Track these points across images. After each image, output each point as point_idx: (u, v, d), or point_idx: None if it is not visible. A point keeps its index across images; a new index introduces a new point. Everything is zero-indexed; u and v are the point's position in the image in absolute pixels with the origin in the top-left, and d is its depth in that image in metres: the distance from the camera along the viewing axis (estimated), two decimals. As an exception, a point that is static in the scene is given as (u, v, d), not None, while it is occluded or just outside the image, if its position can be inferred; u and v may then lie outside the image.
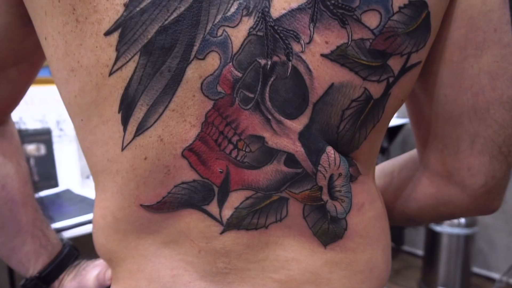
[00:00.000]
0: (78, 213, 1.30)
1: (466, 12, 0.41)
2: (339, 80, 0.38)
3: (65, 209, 1.36)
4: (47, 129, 1.50)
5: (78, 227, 1.23)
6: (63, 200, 1.43)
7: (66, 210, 1.34)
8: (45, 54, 0.44)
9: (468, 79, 0.43)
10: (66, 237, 1.21)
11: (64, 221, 1.24)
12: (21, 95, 0.57)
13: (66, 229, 1.23)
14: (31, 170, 1.50)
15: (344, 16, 0.36)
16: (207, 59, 0.38)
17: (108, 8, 0.38)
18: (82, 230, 1.23)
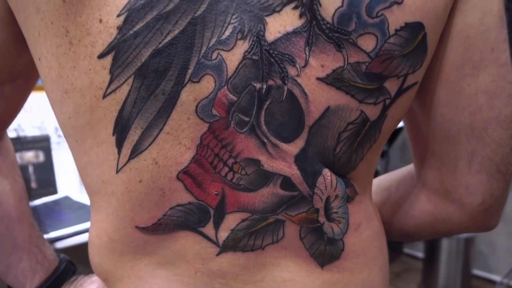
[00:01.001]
0: (77, 220, 1.30)
1: (463, 32, 0.41)
2: (335, 103, 0.37)
3: (64, 217, 1.35)
4: (45, 136, 1.50)
5: (78, 236, 1.23)
6: (62, 208, 1.42)
7: (65, 218, 1.34)
8: (39, 74, 0.44)
9: (466, 98, 0.43)
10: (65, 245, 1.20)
11: (64, 229, 1.24)
12: (16, 111, 0.57)
13: (65, 238, 1.22)
14: (29, 177, 1.50)
15: (340, 40, 0.36)
16: (202, 82, 0.37)
17: (101, 31, 0.37)
18: (82, 239, 1.22)
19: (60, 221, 1.31)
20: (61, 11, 0.38)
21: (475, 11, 0.40)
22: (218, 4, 0.36)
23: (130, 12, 0.37)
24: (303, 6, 0.36)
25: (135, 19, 0.37)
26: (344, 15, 0.35)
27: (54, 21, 0.38)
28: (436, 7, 0.38)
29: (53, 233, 1.20)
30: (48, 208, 1.44)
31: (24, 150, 1.48)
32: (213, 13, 0.36)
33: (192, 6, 0.36)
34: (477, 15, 0.40)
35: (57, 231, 1.22)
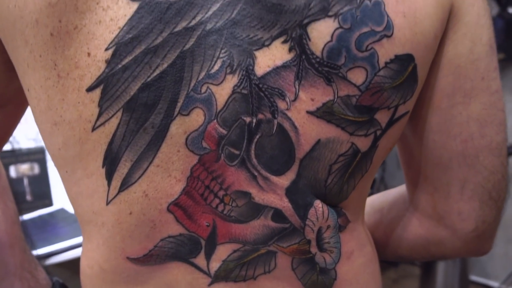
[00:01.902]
0: (73, 234, 1.29)
1: (454, 61, 0.41)
2: (325, 136, 0.37)
3: (60, 230, 1.35)
4: (40, 147, 1.49)
5: (73, 250, 1.22)
6: (57, 220, 1.42)
7: (61, 231, 1.33)
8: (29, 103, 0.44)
9: (457, 126, 0.43)
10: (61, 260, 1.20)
11: (59, 243, 1.23)
12: (7, 136, 0.56)
13: (60, 252, 1.22)
14: (24, 190, 1.49)
15: (330, 74, 0.36)
16: (191, 115, 0.37)
17: (89, 64, 0.37)
18: (77, 253, 1.21)
19: (56, 235, 1.31)
20: (49, 44, 0.37)
21: (465, 40, 0.40)
22: (207, 38, 0.36)
23: (118, 46, 0.36)
24: (292, 40, 0.36)
25: (123, 53, 0.37)
26: (333, 50, 0.35)
27: (42, 54, 0.38)
28: (426, 39, 0.38)
29: (48, 247, 1.20)
30: (44, 221, 1.43)
31: (19, 163, 1.47)
32: (202, 47, 0.36)
33: (181, 40, 0.36)
34: (467, 45, 0.40)
35: (53, 245, 1.21)
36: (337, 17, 0.35)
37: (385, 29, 0.36)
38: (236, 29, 0.36)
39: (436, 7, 0.38)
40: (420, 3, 0.37)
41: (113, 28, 0.36)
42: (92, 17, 0.37)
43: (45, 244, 1.23)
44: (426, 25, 0.38)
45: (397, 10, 0.36)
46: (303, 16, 0.35)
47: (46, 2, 0.36)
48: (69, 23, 0.37)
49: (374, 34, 0.36)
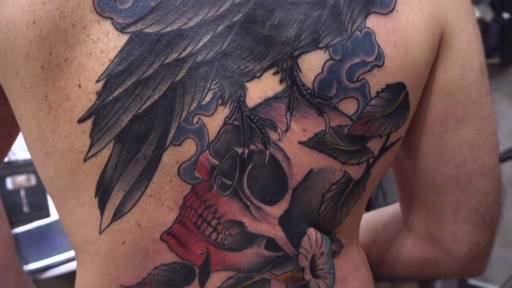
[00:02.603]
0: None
1: (445, 87, 0.41)
2: (318, 165, 0.37)
3: (57, 242, 1.34)
4: (37, 159, 1.49)
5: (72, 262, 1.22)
6: (54, 232, 1.41)
7: (58, 243, 1.33)
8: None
9: (450, 151, 0.43)
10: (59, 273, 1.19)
11: (57, 255, 1.23)
12: (1, 160, 0.56)
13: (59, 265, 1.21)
14: (21, 201, 1.49)
15: (321, 105, 0.36)
16: (183, 145, 0.37)
17: (80, 96, 0.37)
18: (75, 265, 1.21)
19: (53, 247, 1.30)
20: (40, 76, 0.37)
21: (456, 66, 0.40)
22: (198, 69, 0.36)
23: (109, 78, 0.36)
24: (283, 72, 0.35)
25: (114, 85, 0.36)
26: (324, 81, 0.35)
27: (33, 86, 0.38)
28: (417, 66, 0.38)
29: (47, 260, 1.19)
30: (41, 232, 1.43)
31: (15, 174, 1.47)
32: (193, 78, 0.36)
33: (172, 72, 0.36)
34: (458, 71, 0.41)
35: (51, 257, 1.21)
36: (327, 49, 0.35)
37: (376, 59, 0.36)
38: (227, 60, 0.36)
39: (426, 36, 0.38)
40: (411, 32, 0.37)
41: (103, 60, 0.36)
42: (82, 50, 0.36)
43: (42, 256, 1.22)
44: (417, 54, 0.38)
45: (388, 39, 0.36)
46: (294, 48, 0.35)
47: (36, 35, 0.36)
48: (59, 55, 0.37)
49: (365, 64, 0.36)
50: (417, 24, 0.37)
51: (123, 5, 0.36)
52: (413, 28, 0.37)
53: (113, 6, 0.36)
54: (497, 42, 1.93)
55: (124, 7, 0.36)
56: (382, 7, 0.36)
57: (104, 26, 0.36)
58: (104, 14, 0.36)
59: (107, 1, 0.36)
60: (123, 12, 0.36)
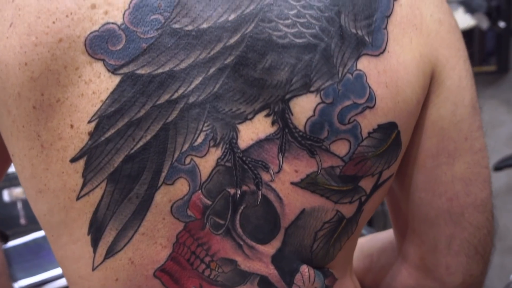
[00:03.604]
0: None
1: (437, 123, 0.41)
2: (310, 205, 0.37)
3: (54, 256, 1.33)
4: (33, 171, 1.49)
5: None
6: (51, 244, 1.41)
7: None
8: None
9: (442, 185, 0.43)
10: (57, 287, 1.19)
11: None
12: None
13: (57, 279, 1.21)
14: (18, 214, 1.48)
15: (313, 147, 0.36)
16: (176, 184, 0.37)
17: (73, 136, 0.37)
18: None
19: (51, 260, 1.30)
20: (32, 116, 0.37)
21: (447, 103, 0.41)
22: (190, 111, 0.36)
23: (101, 118, 0.36)
24: (275, 114, 0.36)
25: (106, 126, 0.37)
26: (316, 124, 0.35)
27: (25, 125, 0.38)
28: (408, 105, 0.38)
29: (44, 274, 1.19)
30: (38, 245, 1.42)
31: (12, 186, 1.47)
32: (185, 119, 0.36)
33: (164, 112, 0.36)
34: (450, 108, 0.41)
35: (49, 271, 1.20)
36: (319, 92, 0.35)
37: (368, 100, 0.36)
38: (218, 103, 0.36)
39: (417, 75, 0.38)
40: (402, 72, 0.37)
41: (95, 101, 0.36)
42: (74, 90, 0.37)
43: (40, 270, 1.22)
44: (408, 93, 0.38)
45: (379, 80, 0.36)
46: (285, 91, 0.35)
47: (28, 76, 0.36)
48: (51, 96, 0.37)
49: (356, 106, 0.36)
50: (408, 64, 0.38)
51: (114, 46, 0.36)
52: (404, 68, 0.37)
53: (105, 47, 0.36)
54: (493, 50, 1.93)
55: (116, 48, 0.36)
56: (373, 49, 0.36)
57: (96, 67, 0.36)
58: (96, 55, 0.36)
59: (99, 43, 0.36)
60: (115, 54, 0.36)
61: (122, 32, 0.36)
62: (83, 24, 0.36)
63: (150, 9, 0.36)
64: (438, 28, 0.40)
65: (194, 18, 0.36)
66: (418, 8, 0.39)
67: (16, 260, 1.32)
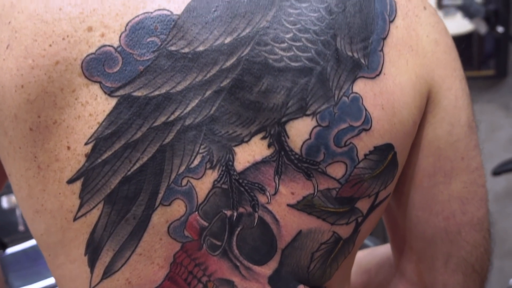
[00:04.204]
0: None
1: (433, 143, 0.41)
2: (307, 227, 0.38)
3: (52, 262, 1.33)
4: (32, 177, 1.49)
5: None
6: (50, 251, 1.41)
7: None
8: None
9: (439, 204, 0.43)
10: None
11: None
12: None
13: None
14: (17, 220, 1.48)
15: (309, 170, 0.36)
16: (173, 205, 0.37)
17: (69, 158, 0.37)
18: None
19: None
20: (28, 138, 0.37)
21: (443, 123, 0.41)
22: (186, 133, 0.36)
23: (97, 140, 0.37)
24: (271, 137, 0.36)
25: (103, 148, 0.37)
26: (312, 147, 0.35)
27: (21, 146, 0.38)
28: (404, 126, 0.38)
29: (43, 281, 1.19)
30: (36, 252, 1.42)
31: (11, 193, 1.46)
32: (181, 141, 0.36)
33: (160, 134, 0.36)
34: (446, 128, 0.41)
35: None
36: (315, 115, 0.35)
37: (364, 123, 0.36)
38: (215, 125, 0.36)
39: (414, 96, 0.38)
40: (398, 93, 0.37)
41: (92, 123, 0.36)
42: (71, 112, 0.37)
43: (39, 277, 1.22)
44: (405, 114, 0.38)
45: (375, 103, 0.36)
46: (281, 115, 0.35)
47: (25, 98, 0.36)
48: (48, 118, 0.37)
49: (352, 129, 0.36)
50: (404, 85, 0.38)
51: (111, 69, 0.36)
52: (400, 90, 0.37)
53: (102, 70, 0.36)
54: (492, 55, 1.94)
55: (113, 71, 0.36)
56: (369, 71, 0.36)
57: (92, 89, 0.36)
58: (93, 78, 0.36)
59: (95, 65, 0.36)
60: (112, 76, 0.36)
61: (118, 54, 0.36)
62: (80, 46, 0.36)
63: (147, 32, 0.36)
64: (434, 49, 0.40)
65: (190, 40, 0.36)
66: (414, 29, 0.39)
67: (14, 268, 1.32)
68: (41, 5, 0.36)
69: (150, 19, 0.36)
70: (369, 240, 1.00)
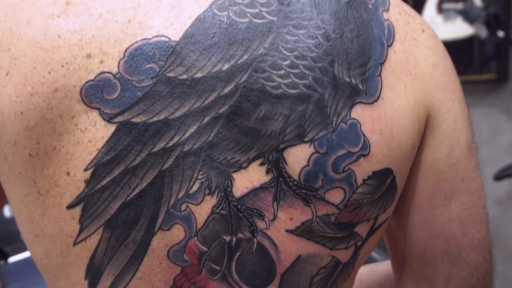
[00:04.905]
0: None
1: (433, 165, 0.41)
2: (306, 252, 0.38)
3: (54, 271, 1.33)
4: (34, 186, 1.49)
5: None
6: (52, 260, 1.41)
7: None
8: None
9: (439, 226, 0.43)
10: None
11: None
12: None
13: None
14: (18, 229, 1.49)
15: (307, 196, 0.36)
16: (172, 230, 0.37)
17: (69, 183, 0.37)
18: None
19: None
20: (28, 164, 0.38)
21: (443, 146, 0.41)
22: (185, 159, 0.36)
23: (97, 167, 0.37)
24: (269, 163, 0.36)
25: (102, 174, 0.37)
26: (310, 174, 0.35)
27: (21, 172, 0.38)
28: (403, 151, 0.38)
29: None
30: (38, 260, 1.42)
31: (12, 201, 1.47)
32: (180, 167, 0.36)
33: (159, 160, 0.37)
34: (445, 150, 0.41)
35: None
36: (313, 142, 0.35)
37: (362, 149, 0.36)
38: (213, 151, 0.36)
39: (412, 120, 0.38)
40: (396, 118, 0.37)
41: (91, 150, 0.37)
42: (70, 139, 0.37)
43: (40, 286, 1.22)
44: (403, 138, 0.38)
45: (374, 128, 0.36)
46: (279, 141, 0.35)
47: (24, 125, 0.37)
48: (47, 144, 0.37)
49: (351, 155, 0.36)
50: (403, 110, 0.38)
51: (110, 95, 0.36)
52: (398, 114, 0.37)
53: (100, 96, 0.36)
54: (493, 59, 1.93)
55: (111, 97, 0.36)
56: (368, 97, 0.37)
57: (91, 116, 0.36)
58: (92, 104, 0.36)
59: (94, 92, 0.36)
60: (110, 103, 0.36)
61: (117, 81, 0.36)
62: (79, 73, 0.36)
63: (145, 58, 0.36)
64: (433, 72, 0.40)
65: (188, 67, 0.36)
66: (412, 53, 0.39)
67: (16, 277, 1.32)
68: (40, 33, 0.36)
69: (149, 45, 0.36)
70: (375, 252, 1.00)
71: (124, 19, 0.36)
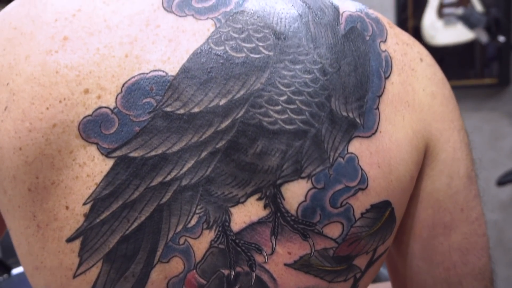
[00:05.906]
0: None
1: (432, 195, 0.41)
2: (304, 285, 0.38)
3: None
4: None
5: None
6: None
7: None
8: None
9: (439, 255, 0.43)
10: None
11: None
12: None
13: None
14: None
15: (305, 230, 0.36)
16: (171, 262, 0.38)
17: (68, 217, 0.37)
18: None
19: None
20: (27, 198, 0.38)
21: (442, 176, 0.41)
22: (183, 193, 0.36)
23: (96, 201, 0.37)
24: (267, 198, 0.36)
25: (101, 208, 0.37)
26: (307, 209, 0.35)
27: (21, 205, 0.38)
28: (401, 183, 0.38)
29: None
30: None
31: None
32: (178, 202, 0.36)
33: (157, 194, 0.37)
34: (445, 180, 0.41)
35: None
36: (310, 178, 0.35)
37: (360, 183, 0.36)
38: (211, 186, 0.36)
39: (410, 152, 0.38)
40: (394, 150, 0.37)
41: (90, 184, 0.37)
42: (69, 173, 0.37)
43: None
44: (401, 171, 0.38)
45: (371, 161, 0.36)
46: (277, 177, 0.35)
47: (23, 160, 0.37)
48: (46, 179, 0.37)
49: (348, 190, 0.36)
50: (401, 142, 0.38)
51: (108, 130, 0.36)
52: (396, 147, 0.37)
53: (98, 131, 0.36)
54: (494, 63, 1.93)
55: (109, 132, 0.36)
56: (365, 130, 0.36)
57: (89, 151, 0.36)
58: (90, 139, 0.36)
59: (92, 127, 0.36)
60: (108, 138, 0.36)
61: (115, 116, 0.36)
62: (77, 109, 0.36)
63: (142, 93, 0.36)
64: (431, 102, 0.40)
65: (185, 102, 0.36)
66: (410, 84, 0.39)
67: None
68: (38, 68, 0.36)
69: (146, 80, 0.36)
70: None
71: (121, 53, 0.37)
